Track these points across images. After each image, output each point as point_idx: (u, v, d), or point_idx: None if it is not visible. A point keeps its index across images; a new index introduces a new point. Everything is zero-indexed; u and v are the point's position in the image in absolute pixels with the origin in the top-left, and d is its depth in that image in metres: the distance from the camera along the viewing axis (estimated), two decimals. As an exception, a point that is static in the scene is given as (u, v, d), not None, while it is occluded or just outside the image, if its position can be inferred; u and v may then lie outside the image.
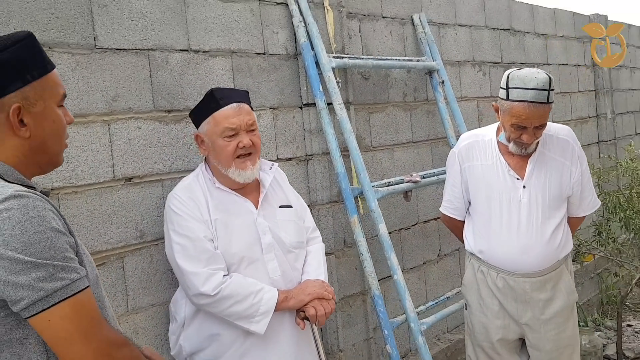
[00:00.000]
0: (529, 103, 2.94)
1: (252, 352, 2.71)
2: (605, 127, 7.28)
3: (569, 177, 3.17)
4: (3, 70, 1.60)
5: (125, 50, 2.81)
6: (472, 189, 3.27)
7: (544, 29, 6.27)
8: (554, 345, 3.23)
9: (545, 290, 3.20)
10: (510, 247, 3.16)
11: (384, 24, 4.31)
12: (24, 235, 1.49)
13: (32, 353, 1.58)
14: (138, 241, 2.83)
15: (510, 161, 3.18)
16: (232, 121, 2.69)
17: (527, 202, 3.13)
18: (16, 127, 1.63)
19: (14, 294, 1.49)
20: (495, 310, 3.27)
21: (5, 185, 1.56)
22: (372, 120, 4.16)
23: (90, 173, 2.66)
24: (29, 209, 1.51)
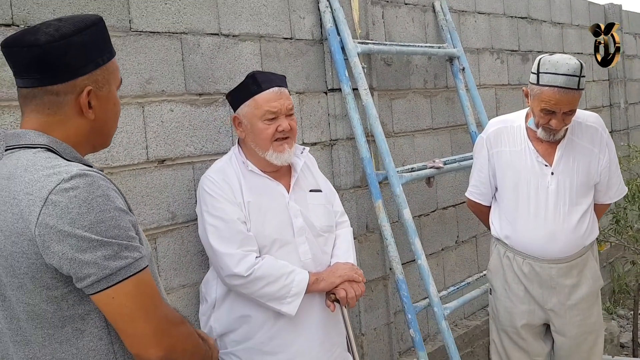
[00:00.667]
0: (559, 88, 2.95)
1: (281, 334, 2.73)
2: (618, 116, 7.29)
3: (597, 164, 3.18)
4: (78, 53, 1.63)
5: (158, 34, 2.83)
6: (500, 175, 3.29)
7: (560, 17, 6.28)
8: (578, 331, 3.25)
9: (572, 276, 3.22)
10: (537, 233, 3.18)
11: (406, 11, 4.32)
12: (90, 214, 1.51)
13: (93, 328, 1.61)
14: (170, 222, 2.86)
15: (539, 148, 3.19)
16: (274, 105, 2.72)
17: (555, 188, 3.15)
18: (85, 109, 1.66)
19: (80, 271, 1.51)
20: (520, 295, 3.29)
21: (68, 164, 1.58)
22: (394, 107, 4.18)
23: (125, 154, 2.69)
24: (95, 188, 1.53)
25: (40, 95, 1.63)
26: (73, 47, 1.61)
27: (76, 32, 1.62)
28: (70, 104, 1.65)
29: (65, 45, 1.60)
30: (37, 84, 1.62)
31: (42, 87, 1.62)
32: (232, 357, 2.77)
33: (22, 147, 1.63)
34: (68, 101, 1.64)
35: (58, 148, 1.63)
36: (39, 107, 1.64)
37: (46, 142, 1.62)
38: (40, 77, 1.61)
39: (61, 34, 1.60)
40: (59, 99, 1.64)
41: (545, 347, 3.36)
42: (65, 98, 1.64)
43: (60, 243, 1.50)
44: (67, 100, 1.64)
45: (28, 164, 1.58)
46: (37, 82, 1.62)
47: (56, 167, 1.56)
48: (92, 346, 1.61)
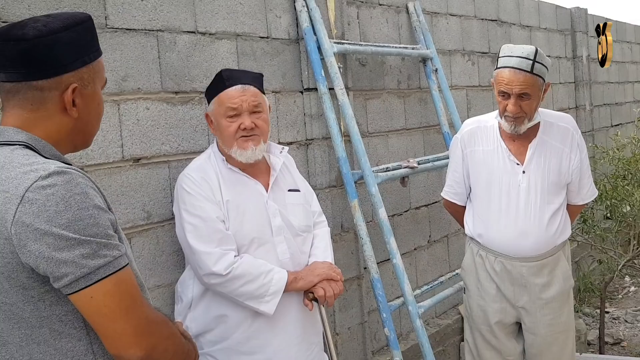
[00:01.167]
0: (510, 68, 3.05)
1: (259, 335, 2.72)
2: (584, 118, 7.42)
3: (568, 163, 3.23)
4: (66, 49, 1.61)
5: (135, 31, 2.80)
6: (473, 174, 3.32)
7: (528, 21, 6.36)
8: (549, 330, 3.28)
9: (543, 275, 3.26)
10: (508, 231, 3.21)
11: (381, 11, 4.34)
12: (68, 212, 1.48)
13: (72, 329, 1.58)
14: (145, 222, 2.83)
15: (511, 147, 3.23)
16: (234, 101, 2.70)
17: (526, 187, 3.19)
18: (69, 106, 1.63)
19: (57, 270, 1.48)
20: (492, 293, 3.32)
21: (46, 161, 1.55)
22: (368, 107, 4.19)
23: (100, 153, 2.65)
24: (73, 186, 1.50)
25: (24, 91, 1.60)
26: (60, 43, 1.59)
27: (64, 29, 1.60)
28: (54, 100, 1.62)
29: (52, 40, 1.58)
30: (22, 78, 1.59)
31: (27, 82, 1.59)
32: (209, 357, 2.74)
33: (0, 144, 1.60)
34: (52, 97, 1.62)
35: (37, 145, 1.60)
36: (21, 103, 1.61)
37: (25, 139, 1.59)
38: (25, 71, 1.58)
39: (49, 29, 1.58)
40: (43, 95, 1.61)
41: (518, 346, 3.40)
42: (49, 94, 1.61)
43: (37, 242, 1.47)
44: (51, 97, 1.62)
45: (5, 161, 1.55)
46: (22, 76, 1.59)
47: (34, 164, 1.53)
48: (71, 347, 1.58)
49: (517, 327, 3.40)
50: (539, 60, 3.07)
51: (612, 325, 6.18)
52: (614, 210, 5.76)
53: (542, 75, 3.09)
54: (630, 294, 7.14)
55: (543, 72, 3.09)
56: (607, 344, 5.67)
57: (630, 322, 6.23)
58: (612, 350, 5.63)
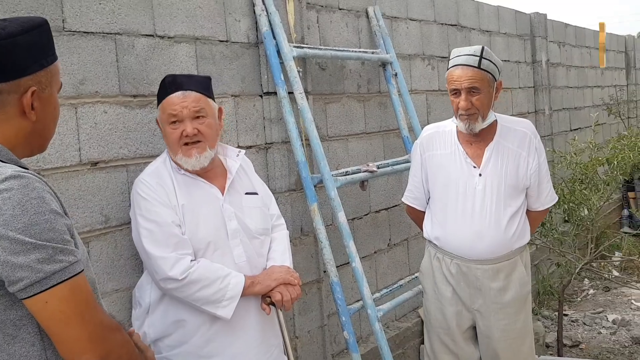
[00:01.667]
0: (458, 65, 3.16)
1: (218, 338, 2.72)
2: (543, 122, 7.53)
3: (525, 167, 3.26)
4: (25, 52, 1.62)
5: (92, 34, 2.78)
6: (431, 177, 3.36)
7: (488, 25, 6.45)
8: (502, 335, 3.30)
9: (498, 280, 3.28)
10: (464, 232, 3.25)
11: (340, 16, 4.36)
12: (24, 216, 1.48)
13: (26, 334, 1.57)
14: (103, 226, 2.81)
15: (468, 150, 3.28)
16: (174, 108, 2.69)
17: (482, 189, 3.23)
18: (28, 109, 1.64)
19: (12, 274, 1.48)
20: (448, 297, 3.35)
21: (2, 165, 1.56)
22: (328, 111, 4.21)
23: (57, 157, 2.63)
24: (29, 190, 1.51)
25: None
26: (19, 47, 1.61)
27: (22, 32, 1.62)
28: (13, 103, 1.63)
29: (11, 44, 1.59)
30: None
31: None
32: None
33: None
34: (11, 101, 1.63)
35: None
36: None
37: None
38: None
39: (7, 32, 1.59)
40: (2, 98, 1.62)
41: (476, 351, 3.41)
42: (8, 97, 1.62)
43: None
44: (9, 100, 1.63)
45: None
46: None
47: None
48: (24, 352, 1.58)
49: (474, 333, 3.41)
50: (486, 56, 3.16)
51: (571, 328, 6.28)
52: (571, 213, 5.86)
53: (490, 71, 3.16)
54: (589, 297, 7.26)
55: (491, 68, 3.17)
56: (566, 346, 5.76)
57: (589, 325, 6.33)
58: (571, 353, 5.71)
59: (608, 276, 6.93)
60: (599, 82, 9.83)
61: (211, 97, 2.81)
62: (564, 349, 5.64)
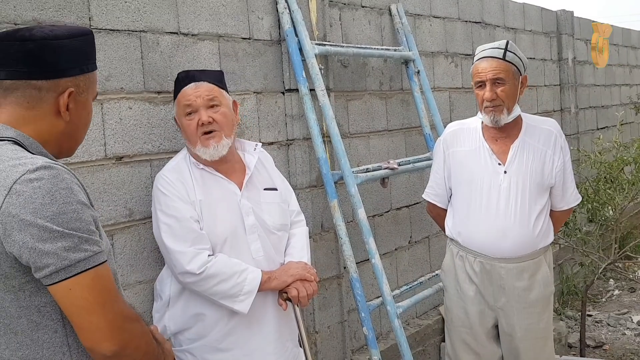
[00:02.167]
0: (483, 58, 3.20)
1: (236, 332, 2.77)
2: (569, 121, 7.47)
3: (551, 165, 3.26)
4: (68, 55, 1.71)
5: (118, 31, 2.84)
6: (455, 174, 3.36)
7: (513, 23, 6.42)
8: (525, 334, 3.29)
9: (523, 279, 3.27)
10: (488, 230, 3.24)
11: (363, 13, 4.39)
12: (53, 205, 1.54)
13: (49, 320, 1.63)
14: (127, 219, 2.88)
15: (494, 147, 3.28)
16: (189, 98, 2.75)
17: (507, 187, 3.22)
18: (63, 109, 1.72)
19: (39, 260, 1.54)
20: (471, 296, 3.34)
21: (34, 157, 1.62)
22: (350, 108, 4.24)
23: (83, 151, 2.70)
24: (59, 180, 1.57)
25: (23, 88, 1.69)
26: (64, 49, 1.70)
27: (68, 37, 1.71)
28: (50, 101, 1.71)
29: (57, 45, 1.68)
30: (24, 76, 1.68)
31: (27, 80, 1.68)
32: (187, 354, 2.79)
33: None
34: (48, 98, 1.71)
35: (25, 142, 1.68)
36: (18, 100, 1.69)
37: (13, 135, 1.67)
38: (27, 70, 1.67)
39: (55, 34, 1.69)
40: (40, 95, 1.70)
41: (498, 350, 3.40)
42: (46, 95, 1.70)
43: (22, 232, 1.53)
44: (47, 97, 1.71)
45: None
46: (24, 75, 1.68)
47: (22, 158, 1.60)
48: (47, 338, 1.63)
49: (496, 332, 3.40)
50: (511, 49, 3.20)
51: (595, 329, 6.23)
52: (595, 213, 5.82)
53: (515, 63, 3.19)
54: (613, 297, 7.18)
55: (516, 61, 3.20)
56: (589, 347, 5.72)
57: (613, 326, 6.27)
58: (594, 354, 5.66)
59: (633, 277, 6.87)
60: (627, 81, 9.72)
61: (224, 89, 2.87)
62: (587, 349, 5.60)
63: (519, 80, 3.22)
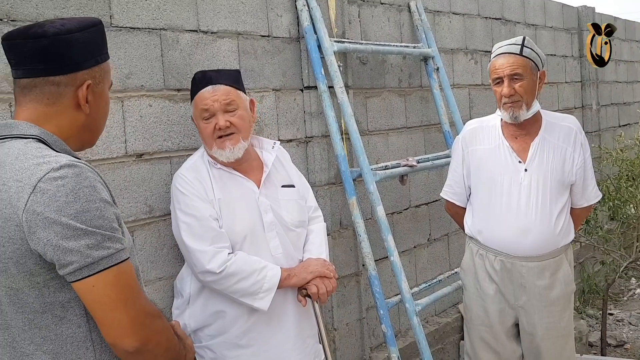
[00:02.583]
0: (500, 54, 3.21)
1: (256, 329, 2.78)
2: (590, 118, 7.41)
3: (571, 162, 3.24)
4: (82, 48, 1.73)
5: (138, 29, 2.86)
6: (474, 172, 3.35)
7: (533, 19, 6.38)
8: (546, 333, 3.27)
9: (544, 278, 3.24)
10: (509, 228, 3.22)
11: (382, 10, 4.38)
12: (76, 203, 1.56)
13: (73, 316, 1.65)
14: (147, 216, 2.90)
15: (513, 144, 3.26)
16: (206, 102, 2.75)
17: (528, 184, 3.20)
18: (83, 102, 1.74)
19: (63, 258, 1.56)
20: (491, 294, 3.32)
21: (58, 155, 1.64)
22: (369, 105, 4.24)
23: (104, 148, 2.72)
24: (82, 179, 1.59)
25: (42, 85, 1.70)
26: (77, 42, 1.71)
27: (80, 29, 1.72)
28: (69, 95, 1.73)
29: (70, 39, 1.70)
30: (40, 74, 1.70)
31: (45, 77, 1.70)
32: (207, 351, 2.81)
33: (13, 137, 1.69)
34: (67, 93, 1.72)
35: (49, 140, 1.69)
36: (38, 97, 1.71)
37: (37, 133, 1.69)
38: (44, 67, 1.69)
39: (67, 28, 1.70)
40: (59, 90, 1.71)
41: (518, 349, 3.38)
42: (65, 89, 1.72)
43: (46, 229, 1.55)
44: (66, 92, 1.72)
45: (19, 153, 1.64)
46: (41, 72, 1.69)
47: (46, 157, 1.62)
48: (70, 333, 1.66)
49: (516, 331, 3.38)
50: (528, 45, 3.19)
51: (616, 327, 6.18)
52: (617, 211, 5.77)
53: (532, 59, 3.17)
54: (635, 296, 7.11)
55: (533, 56, 3.18)
56: (610, 345, 5.67)
57: (635, 325, 6.22)
58: (615, 353, 5.62)
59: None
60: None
61: (241, 90, 2.87)
62: (607, 348, 5.56)
63: (537, 75, 3.20)
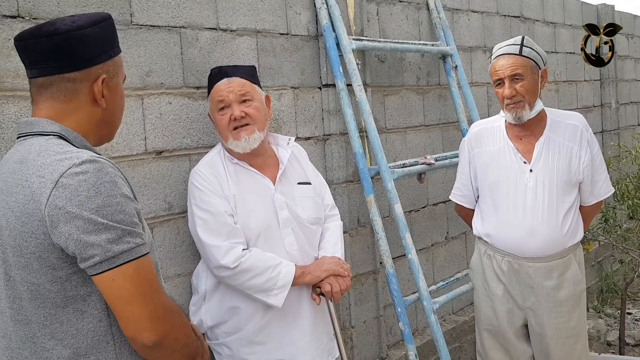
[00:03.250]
0: (500, 55, 3.19)
1: (271, 326, 2.80)
2: (609, 116, 7.36)
3: (578, 161, 3.20)
4: (94, 43, 1.74)
5: (158, 27, 2.88)
6: (481, 174, 3.33)
7: (552, 17, 6.35)
8: (556, 333, 3.24)
9: (552, 278, 3.22)
10: (516, 229, 3.20)
11: (401, 8, 4.38)
12: (98, 198, 1.58)
13: (93, 310, 1.67)
14: (166, 213, 2.92)
15: (518, 145, 3.24)
16: (221, 94, 2.78)
17: (534, 185, 3.18)
18: (99, 97, 1.76)
19: (84, 251, 1.58)
20: (499, 295, 3.31)
21: (79, 151, 1.67)
22: (387, 103, 4.24)
23: (124, 145, 2.74)
24: (103, 174, 1.61)
25: (57, 83, 1.72)
26: (89, 38, 1.73)
27: (90, 25, 1.73)
28: (85, 91, 1.75)
29: (82, 35, 1.71)
30: (55, 71, 1.71)
31: (60, 74, 1.72)
32: (224, 347, 2.83)
33: (34, 134, 1.71)
34: (83, 88, 1.74)
35: (69, 136, 1.72)
36: (55, 95, 1.73)
37: (58, 130, 1.71)
38: (58, 64, 1.71)
39: (78, 25, 1.71)
40: (75, 86, 1.73)
41: (528, 349, 3.35)
42: (80, 85, 1.74)
43: (68, 224, 1.57)
44: (82, 88, 1.74)
45: (41, 149, 1.66)
46: (56, 70, 1.71)
47: (68, 152, 1.64)
48: (91, 327, 1.67)
49: (526, 331, 3.36)
50: (527, 44, 3.16)
51: (635, 327, 6.14)
52: (636, 210, 5.73)
53: (533, 58, 3.15)
54: (655, 295, 7.09)
55: (533, 55, 3.15)
56: (628, 345, 5.65)
57: (653, 324, 6.21)
58: (633, 352, 5.60)
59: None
60: (670, 75, 9.54)
61: (257, 84, 2.89)
62: (626, 347, 5.54)
63: (539, 74, 3.17)
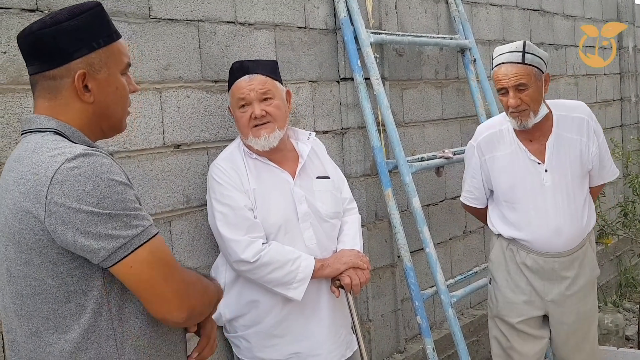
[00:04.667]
0: (502, 64, 3.13)
1: (290, 318, 2.81)
2: (629, 110, 7.30)
3: (587, 153, 3.23)
4: (70, 38, 1.67)
5: (177, 21, 2.89)
6: (495, 179, 3.32)
7: (572, 10, 6.29)
8: (575, 318, 3.32)
9: (573, 268, 3.27)
10: (542, 231, 3.22)
11: (419, 1, 4.36)
12: (96, 190, 1.56)
13: (94, 304, 1.65)
14: (184, 206, 2.93)
15: (530, 147, 3.24)
16: (242, 91, 2.78)
17: (551, 184, 3.19)
18: (80, 92, 1.70)
19: (94, 244, 1.56)
20: (522, 286, 3.33)
21: (73, 145, 1.64)
22: (405, 97, 4.22)
23: (142, 139, 2.75)
24: (98, 166, 1.59)
25: (41, 81, 1.70)
26: (63, 33, 1.66)
27: (69, 18, 1.67)
28: (67, 87, 1.70)
29: (55, 31, 1.66)
30: (37, 70, 1.70)
31: (41, 73, 1.69)
32: (242, 340, 2.85)
33: (33, 131, 1.70)
34: (65, 85, 1.70)
35: (66, 132, 1.69)
36: (41, 93, 1.71)
37: (54, 126, 1.69)
38: (38, 63, 1.69)
39: (54, 20, 1.67)
40: (56, 84, 1.69)
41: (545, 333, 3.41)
42: (61, 82, 1.69)
43: (71, 220, 1.55)
44: (63, 84, 1.69)
45: (35, 146, 1.64)
46: (37, 68, 1.70)
47: (61, 148, 1.61)
48: (93, 322, 1.65)
49: (542, 320, 3.41)
50: (529, 50, 3.12)
51: (653, 321, 6.09)
52: (655, 204, 5.70)
53: (536, 64, 3.11)
54: (673, 289, 7.03)
55: (536, 61, 3.12)
56: (647, 339, 5.61)
57: (672, 318, 6.13)
58: (652, 346, 5.57)
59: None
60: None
61: (278, 80, 2.88)
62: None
63: (542, 80, 3.15)
